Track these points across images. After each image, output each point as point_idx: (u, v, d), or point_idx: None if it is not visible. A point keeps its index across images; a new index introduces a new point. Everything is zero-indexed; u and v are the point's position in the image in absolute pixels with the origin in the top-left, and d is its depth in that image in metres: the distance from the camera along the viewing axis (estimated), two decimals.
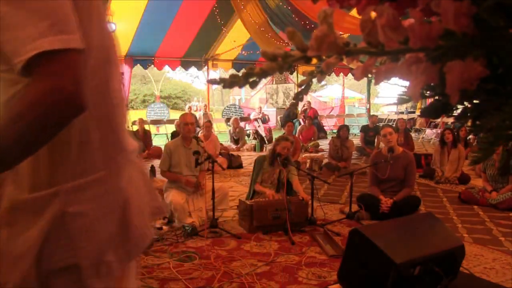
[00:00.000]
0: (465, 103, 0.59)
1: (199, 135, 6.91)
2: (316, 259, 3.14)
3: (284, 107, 14.48)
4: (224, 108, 15.25)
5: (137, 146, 1.06)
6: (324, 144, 10.34)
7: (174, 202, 3.85)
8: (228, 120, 13.26)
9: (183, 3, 9.41)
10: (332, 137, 7.57)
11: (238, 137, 10.21)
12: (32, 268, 0.82)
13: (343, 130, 7.16)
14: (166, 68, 12.57)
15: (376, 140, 8.85)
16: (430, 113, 0.64)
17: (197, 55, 12.19)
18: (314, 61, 0.54)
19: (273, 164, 4.27)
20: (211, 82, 0.56)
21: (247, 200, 3.94)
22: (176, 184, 4.09)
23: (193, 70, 13.08)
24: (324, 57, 0.53)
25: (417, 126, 13.58)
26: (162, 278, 2.82)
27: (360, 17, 0.52)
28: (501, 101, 0.53)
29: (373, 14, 0.51)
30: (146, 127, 10.01)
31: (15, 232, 0.83)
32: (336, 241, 3.38)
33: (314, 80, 0.58)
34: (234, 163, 7.48)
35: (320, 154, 7.99)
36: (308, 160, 7.20)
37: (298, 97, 0.62)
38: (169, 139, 9.63)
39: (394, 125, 7.67)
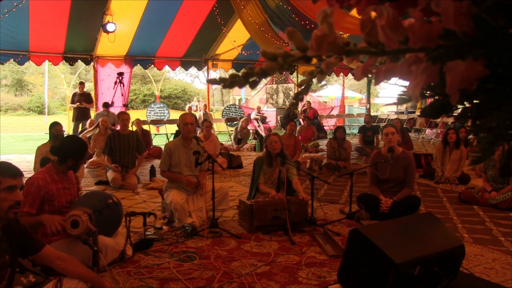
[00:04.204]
0: (465, 103, 0.59)
1: (199, 135, 6.91)
2: (316, 259, 3.14)
3: (284, 107, 14.48)
4: (224, 108, 15.25)
5: None
6: (324, 144, 10.34)
7: (174, 202, 3.85)
8: (228, 120, 13.27)
9: (183, 3, 9.41)
10: (329, 138, 7.56)
11: (242, 138, 10.21)
12: None
13: (340, 131, 7.14)
14: (166, 68, 12.58)
15: (375, 139, 8.85)
16: (430, 113, 0.64)
17: (197, 55, 12.20)
18: (314, 61, 0.54)
19: (271, 164, 4.27)
20: (211, 82, 0.56)
21: (247, 200, 3.94)
22: (176, 184, 4.09)
23: (193, 70, 13.07)
24: (324, 57, 0.53)
25: (417, 126, 13.58)
26: (162, 278, 2.82)
27: (360, 17, 0.52)
28: (501, 101, 0.53)
29: (373, 14, 0.51)
30: (146, 127, 9.99)
31: None
32: (336, 241, 3.38)
33: (314, 80, 0.58)
34: (234, 163, 7.48)
35: (320, 154, 7.99)
36: (308, 160, 7.20)
37: (298, 97, 0.62)
38: (169, 139, 9.63)
39: None
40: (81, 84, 10.29)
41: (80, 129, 9.59)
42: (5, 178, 1.80)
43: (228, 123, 13.09)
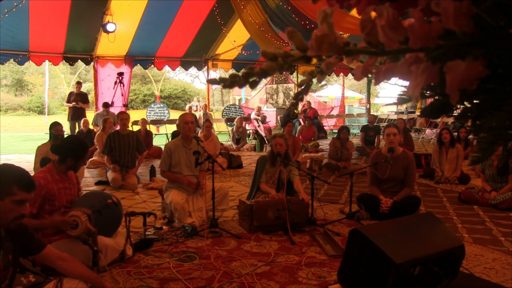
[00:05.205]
0: (465, 103, 0.59)
1: (199, 135, 6.91)
2: (316, 259, 3.14)
3: (284, 107, 14.48)
4: (224, 108, 15.25)
5: None
6: (324, 144, 10.35)
7: (174, 202, 3.85)
8: (228, 120, 13.26)
9: (183, 3, 9.42)
10: (332, 138, 7.56)
11: (240, 137, 10.22)
12: None
13: (343, 131, 7.15)
14: (166, 68, 12.59)
15: (376, 140, 8.84)
16: (430, 113, 0.64)
17: (197, 55, 12.20)
18: (314, 61, 0.54)
19: (274, 164, 4.27)
20: (211, 82, 0.56)
21: (247, 200, 3.94)
22: (176, 184, 4.09)
23: (193, 70, 13.07)
24: (324, 57, 0.53)
25: (417, 126, 13.58)
26: (162, 278, 2.82)
27: (360, 17, 0.52)
28: (501, 101, 0.53)
29: (373, 14, 0.51)
30: (147, 127, 10.04)
31: None
32: (336, 241, 3.38)
33: (314, 80, 0.58)
34: (234, 163, 7.48)
35: (320, 154, 7.99)
36: (308, 160, 7.20)
37: (298, 97, 0.62)
38: (169, 139, 9.64)
39: None
40: (78, 84, 10.26)
41: (77, 129, 9.59)
42: (20, 191, 1.79)
43: (228, 123, 13.08)
